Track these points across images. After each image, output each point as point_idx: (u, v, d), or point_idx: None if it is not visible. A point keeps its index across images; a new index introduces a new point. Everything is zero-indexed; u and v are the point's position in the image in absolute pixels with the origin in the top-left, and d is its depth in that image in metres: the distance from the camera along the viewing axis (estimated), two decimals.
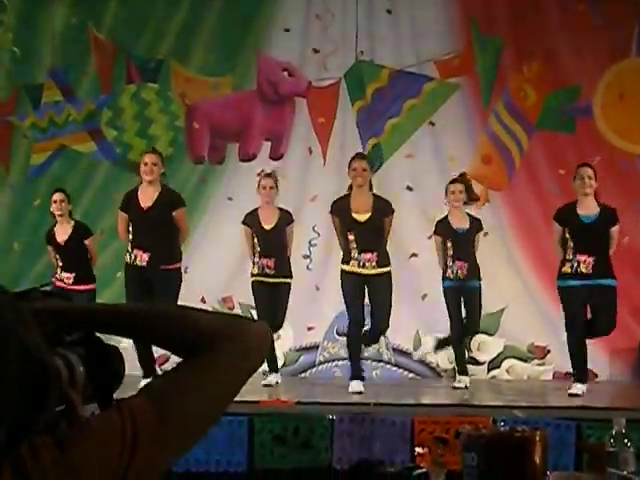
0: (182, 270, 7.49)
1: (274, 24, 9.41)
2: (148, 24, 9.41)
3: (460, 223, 7.70)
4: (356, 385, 6.88)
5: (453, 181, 7.86)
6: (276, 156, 9.30)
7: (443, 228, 7.72)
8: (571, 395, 6.74)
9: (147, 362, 6.66)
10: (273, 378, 7.57)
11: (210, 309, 8.69)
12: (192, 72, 9.41)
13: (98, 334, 1.31)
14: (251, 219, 7.79)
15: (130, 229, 7.26)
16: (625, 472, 2.90)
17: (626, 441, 2.95)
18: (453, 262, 7.62)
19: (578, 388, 6.79)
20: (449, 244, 7.65)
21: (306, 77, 9.31)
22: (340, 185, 9.07)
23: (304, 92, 9.27)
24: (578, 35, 9.06)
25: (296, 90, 9.29)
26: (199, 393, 1.24)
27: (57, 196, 7.91)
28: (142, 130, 9.31)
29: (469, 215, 7.84)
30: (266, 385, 7.37)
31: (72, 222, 7.94)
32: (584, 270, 6.96)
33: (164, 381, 1.25)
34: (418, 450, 4.90)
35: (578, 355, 6.98)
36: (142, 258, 7.13)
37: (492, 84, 9.09)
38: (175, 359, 1.29)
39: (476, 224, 7.79)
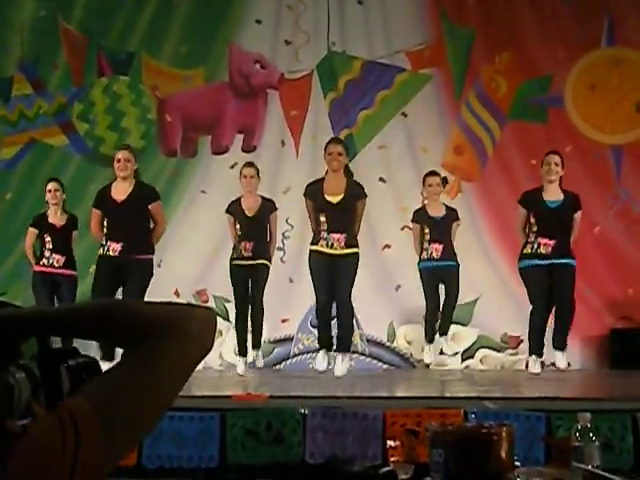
0: (154, 263, 7.45)
1: (245, 15, 9.38)
2: (119, 16, 9.36)
3: (437, 212, 7.97)
4: (322, 359, 7.04)
5: (430, 173, 7.99)
6: (249, 148, 9.28)
7: (421, 216, 7.99)
8: (532, 374, 6.93)
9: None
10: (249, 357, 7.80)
11: (185, 302, 8.66)
12: (163, 64, 9.38)
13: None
14: (234, 207, 7.83)
15: (105, 223, 7.23)
16: (590, 466, 2.93)
17: (591, 435, 2.97)
18: (429, 245, 7.86)
19: (535, 362, 6.96)
20: (426, 230, 7.90)
21: (278, 69, 9.29)
22: (312, 177, 9.06)
23: (276, 84, 9.25)
24: (549, 25, 9.09)
25: (268, 82, 9.27)
26: (142, 387, 1.21)
27: (51, 185, 8.04)
28: (114, 123, 9.27)
29: (445, 205, 8.10)
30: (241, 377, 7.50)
31: (65, 213, 8.05)
32: (543, 251, 7.09)
33: (106, 379, 1.22)
34: (390, 443, 4.91)
35: (538, 330, 7.11)
36: (114, 249, 7.12)
37: (464, 75, 9.11)
38: None
39: (452, 213, 8.03)
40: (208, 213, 9.09)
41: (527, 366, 7.40)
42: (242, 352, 7.83)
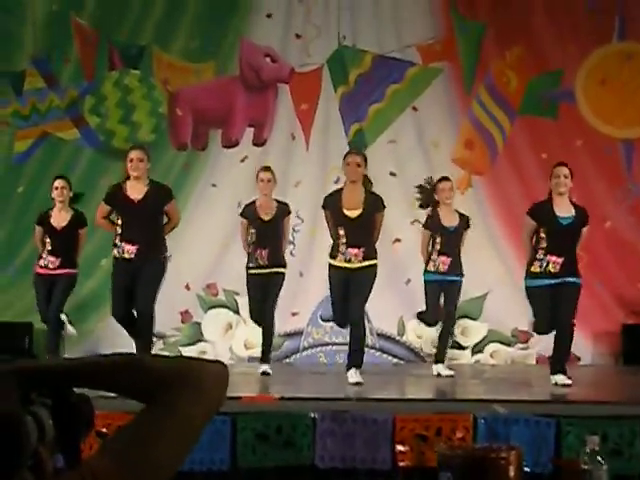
0: (167, 261, 7.44)
1: (256, 9, 9.38)
2: (130, 10, 9.37)
3: (450, 221, 7.69)
4: (353, 374, 6.89)
5: (443, 179, 7.81)
6: (259, 142, 9.29)
7: (433, 224, 7.72)
8: (563, 385, 6.73)
9: None
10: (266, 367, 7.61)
11: (198, 357, 8.72)
12: (174, 58, 9.39)
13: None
14: (249, 211, 7.69)
15: (119, 222, 7.15)
16: None
17: (599, 459, 3.00)
18: (438, 256, 7.64)
19: (562, 379, 6.80)
20: (437, 239, 7.65)
21: (289, 63, 9.29)
22: (323, 171, 9.13)
23: (287, 78, 9.25)
24: (560, 20, 9.06)
25: (279, 76, 9.27)
26: (160, 446, 1.24)
27: (58, 183, 7.99)
28: (125, 117, 9.29)
29: (458, 212, 7.81)
30: (263, 373, 7.45)
31: (71, 211, 8.00)
32: (552, 270, 6.92)
33: (124, 438, 1.26)
34: (399, 448, 4.96)
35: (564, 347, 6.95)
36: (130, 251, 7.07)
37: (474, 69, 9.10)
38: None
39: (465, 221, 7.76)
40: (219, 206, 9.13)
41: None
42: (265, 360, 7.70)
